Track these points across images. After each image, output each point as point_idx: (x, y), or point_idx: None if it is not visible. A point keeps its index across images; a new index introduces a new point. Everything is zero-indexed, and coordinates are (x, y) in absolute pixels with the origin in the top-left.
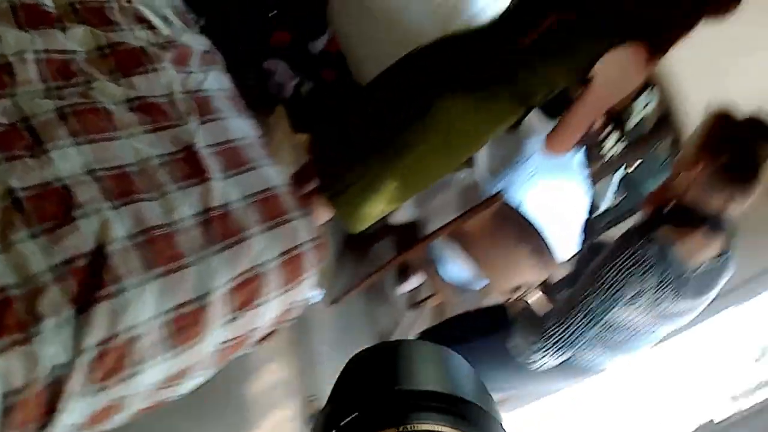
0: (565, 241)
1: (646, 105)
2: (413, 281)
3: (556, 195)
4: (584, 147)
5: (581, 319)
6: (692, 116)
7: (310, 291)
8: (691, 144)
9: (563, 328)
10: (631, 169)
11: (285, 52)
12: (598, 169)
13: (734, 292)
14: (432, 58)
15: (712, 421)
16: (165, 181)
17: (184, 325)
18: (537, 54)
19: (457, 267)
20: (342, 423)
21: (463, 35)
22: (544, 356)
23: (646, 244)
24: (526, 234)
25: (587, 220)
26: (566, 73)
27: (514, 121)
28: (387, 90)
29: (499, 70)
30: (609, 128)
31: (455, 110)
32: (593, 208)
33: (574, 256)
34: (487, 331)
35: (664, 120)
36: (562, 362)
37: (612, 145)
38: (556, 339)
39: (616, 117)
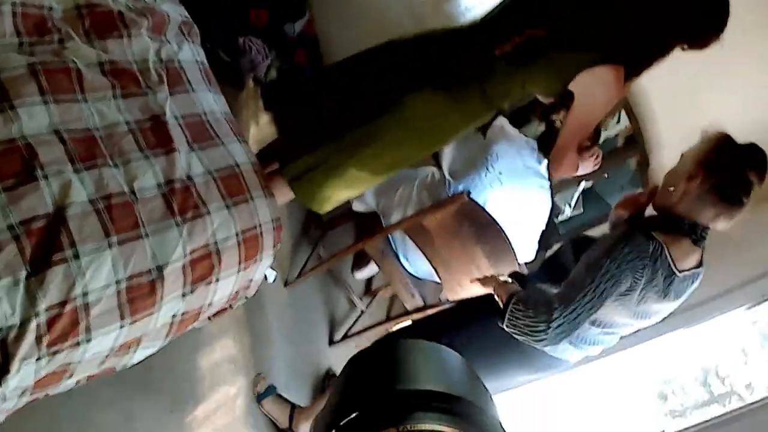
0: (524, 243)
1: (618, 121)
2: (369, 269)
3: (521, 198)
4: None
5: (585, 303)
6: (660, 139)
7: (265, 271)
8: (690, 158)
9: (569, 310)
10: (594, 182)
11: (261, 30)
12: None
13: (685, 314)
14: (409, 52)
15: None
16: (130, 148)
17: (138, 295)
18: (515, 61)
19: (416, 260)
20: (342, 423)
21: (443, 34)
22: (550, 335)
23: (647, 240)
24: (486, 233)
25: (548, 226)
26: (543, 83)
27: (483, 123)
28: (360, 77)
29: (475, 72)
30: None
31: (427, 106)
32: (555, 214)
33: (535, 258)
34: (480, 318)
35: (632, 139)
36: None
37: None
38: (563, 320)
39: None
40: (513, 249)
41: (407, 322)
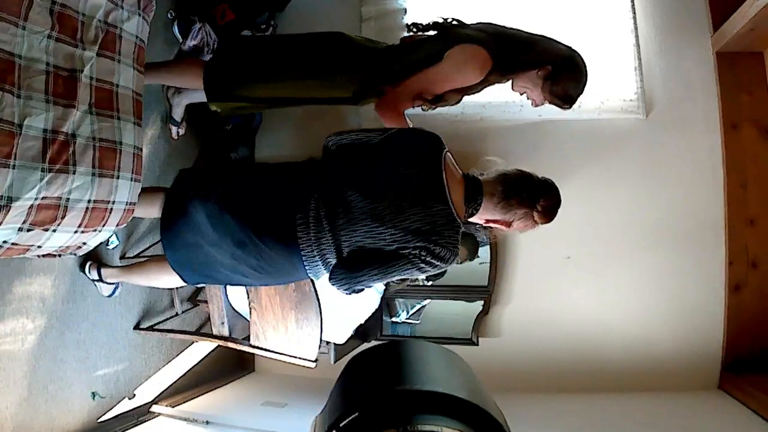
0: (337, 326)
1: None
2: None
3: None
4: None
5: (372, 275)
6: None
7: (101, 240)
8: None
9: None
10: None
11: (220, 25)
12: (405, 288)
13: None
14: (332, 44)
15: None
16: (38, 87)
17: None
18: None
19: (240, 295)
20: (342, 423)
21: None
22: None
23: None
24: (304, 303)
25: (373, 321)
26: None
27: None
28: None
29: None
30: None
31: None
32: (391, 313)
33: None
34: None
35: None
36: None
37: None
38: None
39: None
40: (321, 325)
41: None
